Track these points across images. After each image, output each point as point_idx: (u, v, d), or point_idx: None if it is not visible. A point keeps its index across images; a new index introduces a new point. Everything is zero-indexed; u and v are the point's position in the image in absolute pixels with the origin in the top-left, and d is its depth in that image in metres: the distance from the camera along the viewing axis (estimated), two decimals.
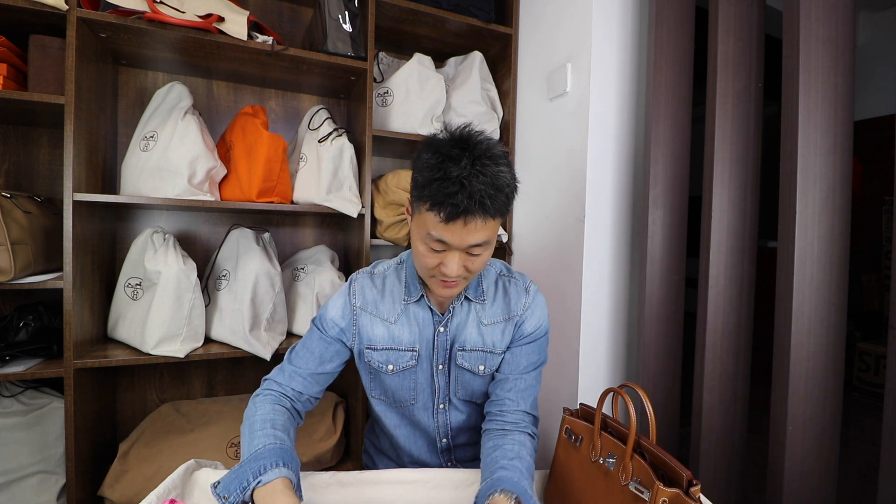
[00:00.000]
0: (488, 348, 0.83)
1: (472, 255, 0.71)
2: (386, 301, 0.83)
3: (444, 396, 0.87)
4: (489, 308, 0.84)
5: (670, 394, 1.15)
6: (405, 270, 0.85)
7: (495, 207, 0.66)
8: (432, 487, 0.78)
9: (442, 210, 0.65)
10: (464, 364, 0.83)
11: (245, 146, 1.22)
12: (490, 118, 1.50)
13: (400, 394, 0.85)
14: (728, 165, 1.02)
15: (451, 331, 0.83)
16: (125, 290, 1.17)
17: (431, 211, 0.67)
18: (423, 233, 0.70)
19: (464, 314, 0.84)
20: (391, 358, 0.82)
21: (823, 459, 0.88)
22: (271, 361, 1.21)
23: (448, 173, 0.64)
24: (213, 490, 0.63)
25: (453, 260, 0.70)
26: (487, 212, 0.66)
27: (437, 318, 0.83)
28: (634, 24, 1.21)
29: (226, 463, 1.17)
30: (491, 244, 0.73)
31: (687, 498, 0.56)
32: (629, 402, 0.66)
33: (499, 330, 0.84)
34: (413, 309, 0.83)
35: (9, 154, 1.21)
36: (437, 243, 0.69)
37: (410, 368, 0.83)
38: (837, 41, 0.85)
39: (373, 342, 0.82)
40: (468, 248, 0.69)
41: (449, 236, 0.68)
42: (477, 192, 0.64)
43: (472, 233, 0.67)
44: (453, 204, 0.64)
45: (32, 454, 1.10)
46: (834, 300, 0.87)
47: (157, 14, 1.03)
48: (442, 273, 0.72)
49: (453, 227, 0.66)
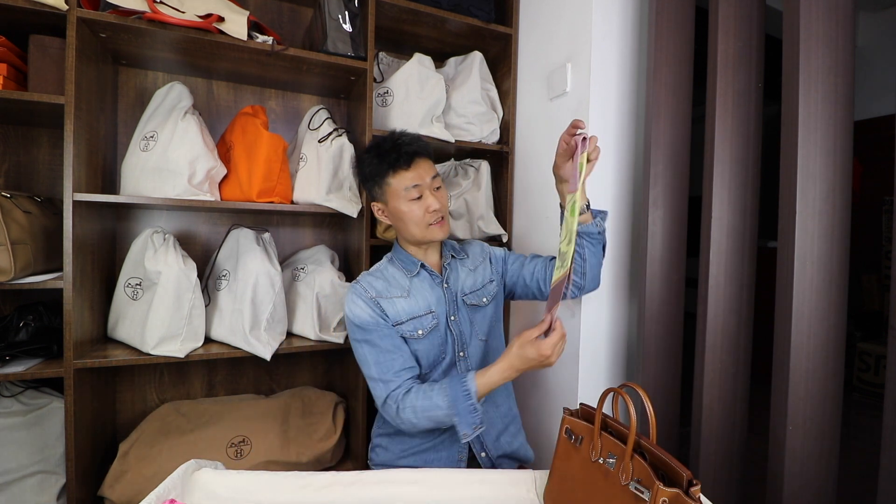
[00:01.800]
0: (483, 283, 1.07)
1: (437, 190, 0.98)
2: (393, 285, 1.00)
3: (463, 343, 1.01)
4: (470, 259, 1.09)
5: (670, 394, 1.15)
6: (396, 259, 1.05)
7: (426, 150, 0.98)
8: (432, 487, 0.78)
9: (399, 162, 0.94)
10: (471, 301, 1.03)
11: (245, 146, 1.22)
12: (490, 118, 1.50)
13: (432, 354, 0.99)
14: (728, 165, 1.02)
15: (452, 284, 1.03)
16: (125, 290, 1.17)
17: (395, 172, 0.95)
18: (401, 192, 0.95)
19: (456, 269, 1.06)
20: (417, 325, 0.97)
21: (823, 459, 0.88)
22: (271, 361, 1.22)
23: (384, 148, 0.96)
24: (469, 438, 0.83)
25: (430, 196, 0.95)
26: (426, 151, 0.98)
27: (437, 278, 1.03)
28: (634, 24, 1.21)
29: (226, 463, 1.17)
30: (440, 180, 1.00)
31: (687, 498, 0.56)
32: (629, 402, 0.66)
33: (482, 268, 1.09)
34: (417, 281, 1.01)
35: (9, 154, 1.22)
36: (413, 190, 0.94)
37: (435, 328, 0.99)
38: (837, 41, 0.85)
39: (399, 317, 0.97)
40: (432, 184, 0.96)
41: (416, 177, 0.94)
42: (407, 142, 0.96)
43: (425, 169, 0.96)
44: (405, 153, 0.94)
45: (32, 454, 1.10)
46: (834, 300, 0.87)
47: (157, 14, 1.03)
48: (430, 212, 0.95)
49: (414, 169, 0.95)
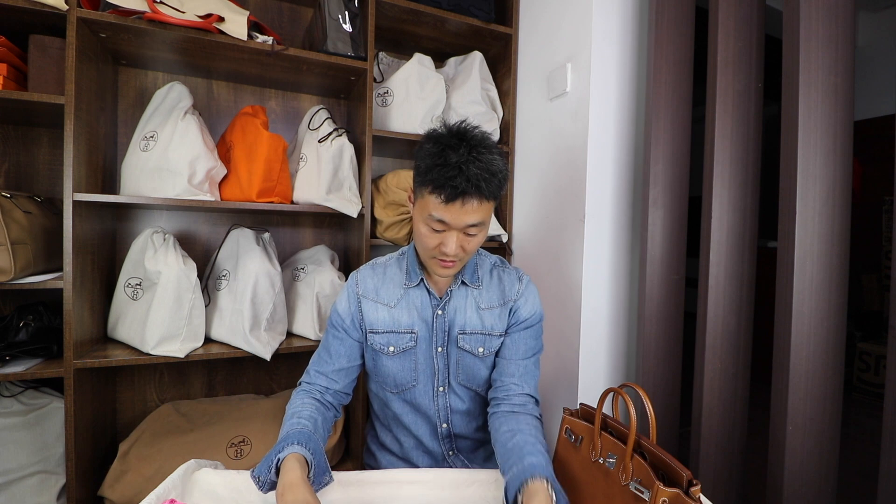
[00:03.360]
0: (487, 330, 0.89)
1: (468, 234, 0.79)
2: (387, 286, 0.90)
3: (444, 379, 0.91)
4: (485, 293, 0.91)
5: (670, 394, 1.15)
6: (407, 259, 0.92)
7: (489, 190, 0.75)
8: (432, 487, 0.78)
9: (442, 192, 0.74)
10: (465, 346, 0.89)
11: (245, 146, 1.22)
12: (490, 118, 1.50)
13: (401, 376, 0.90)
14: (728, 165, 1.02)
15: (450, 314, 0.89)
16: (125, 290, 1.17)
17: (433, 194, 0.75)
18: (425, 214, 0.78)
19: (461, 298, 0.90)
20: (392, 340, 0.88)
21: (823, 459, 0.88)
22: (271, 361, 1.22)
23: (447, 160, 0.73)
24: (251, 475, 0.70)
25: (452, 239, 0.78)
26: (482, 194, 0.75)
27: (436, 301, 0.89)
28: (634, 24, 1.21)
29: (226, 463, 1.17)
30: (485, 226, 0.81)
31: (687, 498, 0.56)
32: (629, 402, 0.66)
33: (496, 314, 0.90)
34: (413, 293, 0.89)
35: (9, 154, 1.21)
36: (437, 223, 0.78)
37: (410, 350, 0.89)
38: (837, 41, 0.85)
39: (374, 326, 0.88)
40: (465, 229, 0.78)
41: (448, 216, 0.76)
42: (473, 175, 0.73)
43: (468, 213, 0.76)
44: (453, 186, 0.73)
45: (32, 454, 1.10)
46: (834, 300, 0.87)
47: (157, 14, 1.03)
48: (441, 252, 0.80)
49: (452, 208, 0.75)
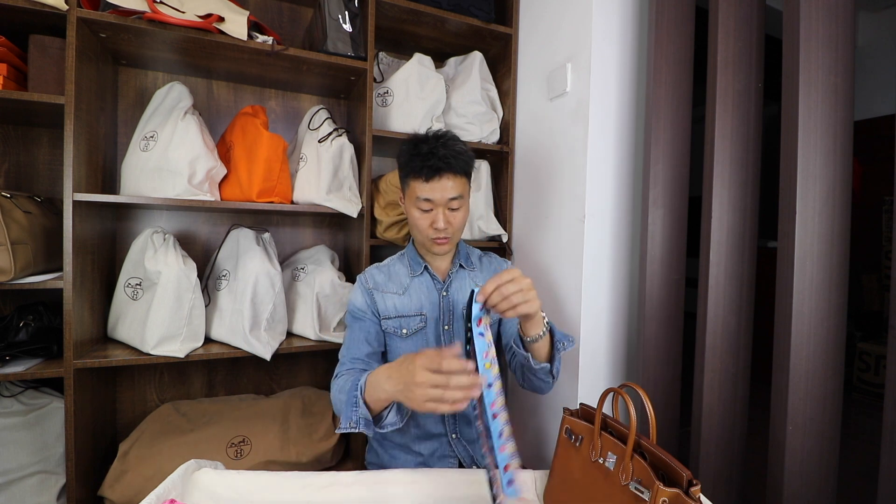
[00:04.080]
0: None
1: (452, 209, 0.94)
2: (393, 281, 1.02)
3: None
4: (479, 274, 1.07)
5: (670, 394, 1.15)
6: (407, 255, 1.06)
7: (459, 165, 0.92)
8: (432, 487, 0.78)
9: (422, 173, 0.91)
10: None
11: (245, 146, 1.22)
12: (490, 118, 1.50)
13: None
14: (728, 165, 1.02)
15: (452, 294, 1.02)
16: (125, 290, 1.17)
17: (416, 179, 0.92)
18: (414, 199, 0.94)
19: (461, 279, 1.04)
20: (403, 323, 0.99)
21: (823, 459, 0.88)
22: (271, 361, 1.22)
23: (420, 150, 0.92)
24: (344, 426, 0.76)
25: (439, 215, 0.93)
26: (454, 169, 0.91)
27: (439, 284, 1.02)
28: (634, 24, 1.21)
29: (226, 463, 1.17)
30: (465, 201, 0.96)
31: (687, 498, 0.56)
32: (629, 402, 0.66)
33: None
34: (418, 281, 1.02)
35: (9, 154, 1.21)
36: (424, 203, 0.93)
37: (421, 330, 1.00)
38: (837, 41, 0.85)
39: (387, 312, 1.00)
40: (448, 203, 0.93)
41: (432, 193, 0.92)
42: (443, 156, 0.90)
43: (447, 188, 0.92)
44: (429, 166, 0.90)
45: (32, 454, 1.10)
46: (834, 300, 0.87)
47: (157, 14, 1.03)
48: (434, 230, 0.94)
49: (433, 185, 0.91)
